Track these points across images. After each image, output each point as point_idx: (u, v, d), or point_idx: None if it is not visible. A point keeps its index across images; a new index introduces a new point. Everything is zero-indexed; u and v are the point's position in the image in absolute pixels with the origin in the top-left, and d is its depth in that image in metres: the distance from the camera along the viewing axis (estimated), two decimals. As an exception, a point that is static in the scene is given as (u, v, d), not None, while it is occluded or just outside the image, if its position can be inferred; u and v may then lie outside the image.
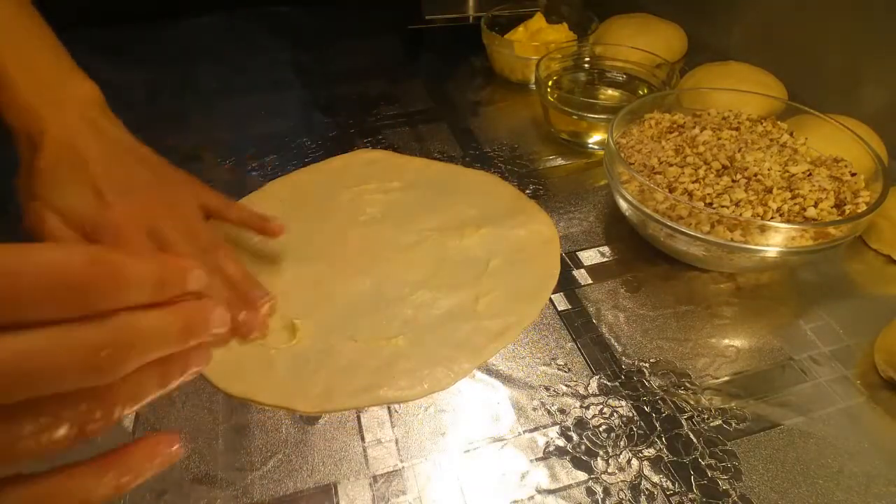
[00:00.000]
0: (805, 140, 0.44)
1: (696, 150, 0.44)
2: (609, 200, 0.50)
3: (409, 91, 0.67)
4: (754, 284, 0.43)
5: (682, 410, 0.35)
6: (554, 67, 0.61)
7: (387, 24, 0.80)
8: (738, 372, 0.37)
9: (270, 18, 0.82)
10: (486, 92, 0.67)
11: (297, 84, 0.68)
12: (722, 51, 0.68)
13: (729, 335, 0.39)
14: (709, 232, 0.38)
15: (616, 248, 0.46)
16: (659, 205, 0.40)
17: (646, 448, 0.33)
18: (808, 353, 0.38)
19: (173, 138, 0.58)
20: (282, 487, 0.32)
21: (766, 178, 0.40)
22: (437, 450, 0.33)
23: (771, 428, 0.34)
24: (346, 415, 0.35)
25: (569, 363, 0.37)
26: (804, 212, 0.39)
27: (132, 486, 0.20)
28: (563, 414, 0.35)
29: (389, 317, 0.40)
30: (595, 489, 0.31)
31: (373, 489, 0.32)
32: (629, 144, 0.46)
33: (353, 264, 0.44)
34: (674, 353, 0.38)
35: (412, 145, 0.57)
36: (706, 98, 0.52)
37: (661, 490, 0.31)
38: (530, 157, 0.56)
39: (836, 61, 0.58)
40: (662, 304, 0.41)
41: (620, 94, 0.61)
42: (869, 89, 0.55)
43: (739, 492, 0.31)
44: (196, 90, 0.66)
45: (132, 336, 0.18)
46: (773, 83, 0.57)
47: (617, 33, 0.66)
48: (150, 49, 0.75)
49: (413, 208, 0.49)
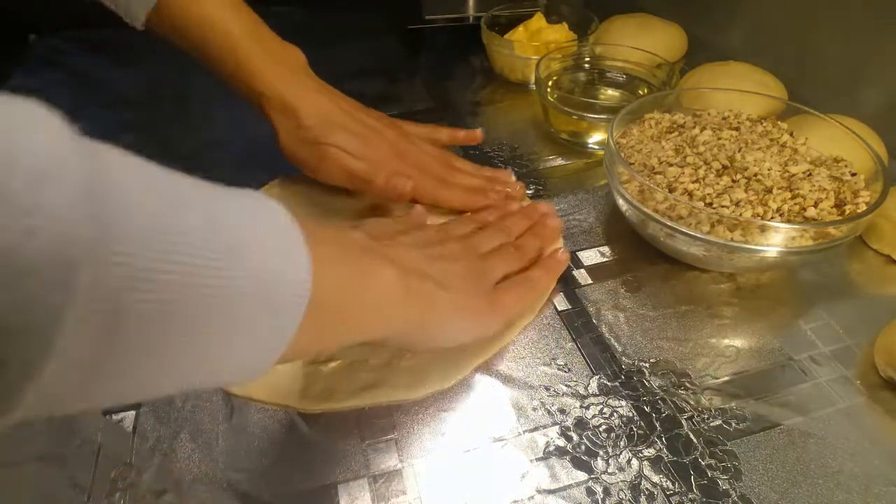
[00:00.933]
0: (805, 140, 0.44)
1: (696, 150, 0.44)
2: (609, 200, 0.50)
3: (409, 91, 0.67)
4: (754, 284, 0.43)
5: (682, 410, 0.35)
6: (554, 67, 0.61)
7: (387, 24, 0.80)
8: (738, 372, 0.37)
9: (270, 18, 0.82)
10: (486, 92, 0.67)
11: (297, 84, 0.68)
12: (722, 51, 0.68)
13: (729, 335, 0.39)
14: (709, 232, 0.38)
15: (616, 248, 0.46)
16: (659, 205, 0.40)
17: (646, 448, 0.33)
18: (808, 353, 0.38)
19: (173, 138, 0.58)
20: (282, 487, 0.32)
21: (766, 178, 0.40)
22: (437, 450, 0.33)
23: (771, 428, 0.34)
24: (346, 415, 0.35)
25: (569, 363, 0.37)
26: (804, 212, 0.39)
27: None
28: (563, 414, 0.35)
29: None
30: (595, 489, 0.31)
31: (373, 489, 0.32)
32: (629, 144, 0.46)
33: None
34: (674, 353, 0.38)
35: (412, 145, 0.57)
36: (706, 98, 0.52)
37: (661, 490, 0.31)
38: (530, 157, 0.56)
39: (836, 61, 0.58)
40: (662, 304, 0.41)
41: (620, 94, 0.61)
42: (869, 89, 0.55)
43: (739, 492, 0.31)
44: (196, 90, 0.66)
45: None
46: (773, 83, 0.57)
47: (617, 33, 0.66)
48: (150, 49, 0.75)
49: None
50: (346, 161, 0.43)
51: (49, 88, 0.42)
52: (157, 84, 0.67)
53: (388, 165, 0.44)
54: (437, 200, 0.45)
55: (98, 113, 0.60)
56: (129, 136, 0.57)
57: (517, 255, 0.40)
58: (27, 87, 0.66)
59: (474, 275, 0.35)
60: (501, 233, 0.41)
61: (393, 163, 0.45)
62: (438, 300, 0.32)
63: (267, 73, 0.44)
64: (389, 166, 0.44)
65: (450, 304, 0.33)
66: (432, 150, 0.49)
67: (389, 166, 0.44)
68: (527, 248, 0.41)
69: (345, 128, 0.44)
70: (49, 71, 0.69)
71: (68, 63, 0.70)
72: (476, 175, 0.49)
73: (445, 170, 0.47)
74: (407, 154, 0.46)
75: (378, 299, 0.28)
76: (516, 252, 0.40)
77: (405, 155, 0.46)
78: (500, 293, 0.36)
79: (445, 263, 0.34)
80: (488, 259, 0.38)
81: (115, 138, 0.17)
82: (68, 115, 0.16)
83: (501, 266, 0.38)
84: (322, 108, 0.44)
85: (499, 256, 0.38)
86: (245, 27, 0.44)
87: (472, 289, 0.34)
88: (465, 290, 0.34)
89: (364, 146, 0.44)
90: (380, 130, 0.45)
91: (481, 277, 0.36)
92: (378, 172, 0.43)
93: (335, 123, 0.44)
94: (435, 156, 0.48)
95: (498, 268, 0.38)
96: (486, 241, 0.39)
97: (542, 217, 0.44)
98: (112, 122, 0.59)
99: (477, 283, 0.35)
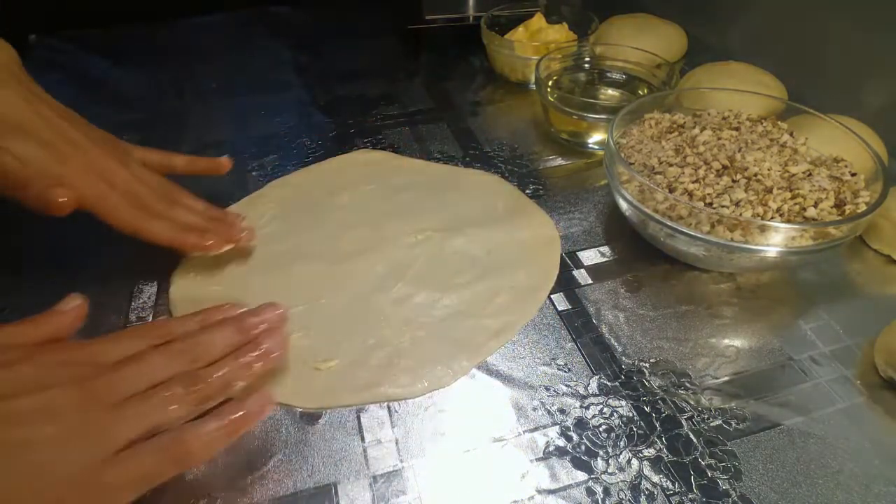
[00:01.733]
0: (805, 140, 0.44)
1: (696, 150, 0.44)
2: (609, 200, 0.50)
3: (409, 91, 0.67)
4: (754, 284, 0.43)
5: (682, 410, 0.35)
6: (554, 67, 0.61)
7: (387, 24, 0.79)
8: (738, 372, 0.37)
9: (270, 18, 0.82)
10: (486, 92, 0.67)
11: (297, 84, 0.68)
12: (722, 51, 0.68)
13: (729, 335, 0.39)
14: (709, 232, 0.38)
15: (616, 248, 0.46)
16: (659, 205, 0.40)
17: (646, 448, 0.33)
18: (808, 353, 0.38)
19: (173, 138, 0.58)
20: (282, 487, 0.32)
21: (766, 178, 0.40)
22: (437, 450, 0.33)
23: (771, 428, 0.34)
24: (346, 415, 0.35)
25: (569, 363, 0.37)
26: (804, 212, 0.39)
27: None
28: (563, 414, 0.35)
29: (389, 316, 0.40)
30: (595, 489, 0.31)
31: (373, 489, 0.32)
32: (629, 144, 0.46)
33: (353, 264, 0.44)
34: (674, 353, 0.38)
35: (412, 145, 0.57)
36: (706, 98, 0.52)
37: (661, 490, 0.31)
38: (530, 157, 0.56)
39: (836, 61, 0.58)
40: (662, 304, 0.41)
41: (620, 94, 0.61)
42: (869, 89, 0.55)
43: (739, 492, 0.31)
44: (196, 90, 0.66)
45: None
46: (773, 83, 0.57)
47: (617, 33, 0.66)
48: (150, 49, 0.75)
49: (413, 208, 0.49)
50: (7, 164, 0.36)
51: (49, 88, 0.42)
52: (157, 84, 0.67)
53: (72, 182, 0.38)
54: (138, 232, 0.39)
55: (98, 113, 0.60)
56: (130, 136, 0.57)
57: (187, 399, 0.29)
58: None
59: (71, 443, 0.26)
60: (180, 358, 0.31)
61: (85, 180, 0.38)
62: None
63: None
64: (73, 185, 0.37)
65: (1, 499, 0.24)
66: (151, 177, 0.43)
67: (73, 185, 0.37)
68: (210, 386, 0.30)
69: (30, 135, 0.38)
70: (49, 71, 0.69)
71: (68, 63, 0.70)
72: (198, 212, 0.43)
73: (160, 202, 0.42)
74: (112, 177, 0.40)
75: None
76: (186, 392, 0.29)
77: (109, 177, 0.39)
78: (108, 472, 0.26)
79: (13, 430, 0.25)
80: (125, 409, 0.27)
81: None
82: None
83: (145, 418, 0.28)
84: (6, 104, 0.37)
85: (147, 403, 0.28)
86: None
87: (51, 469, 0.25)
88: (39, 472, 0.25)
89: (47, 157, 0.37)
90: (81, 146, 0.39)
91: (85, 446, 0.26)
92: (34, 180, 0.36)
93: (18, 128, 0.37)
94: (151, 185, 0.42)
95: (137, 422, 0.27)
96: (140, 374, 0.29)
97: (265, 333, 0.34)
98: (112, 122, 0.58)
99: (70, 458, 0.25)
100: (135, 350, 0.30)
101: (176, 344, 0.31)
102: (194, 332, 0.33)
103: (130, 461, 0.26)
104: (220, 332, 0.33)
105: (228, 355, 0.32)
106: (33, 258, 0.45)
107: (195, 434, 0.28)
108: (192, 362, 0.31)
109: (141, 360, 0.30)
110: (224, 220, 0.44)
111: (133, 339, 0.31)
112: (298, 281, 0.43)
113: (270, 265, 0.44)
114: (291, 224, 0.48)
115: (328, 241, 0.46)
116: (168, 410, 0.28)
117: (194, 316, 0.34)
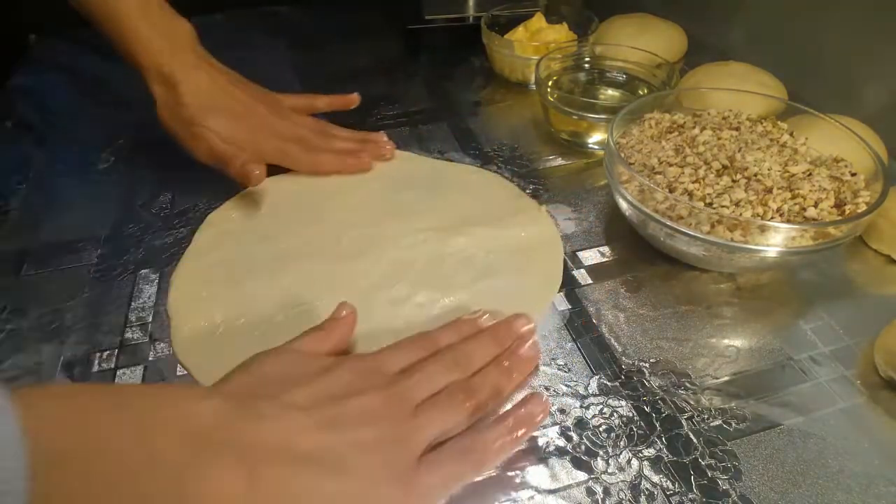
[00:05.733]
0: (805, 140, 0.44)
1: (696, 150, 0.44)
2: (609, 200, 0.50)
3: (409, 91, 0.67)
4: (754, 284, 0.43)
5: (682, 410, 0.35)
6: (554, 67, 0.61)
7: (387, 24, 0.80)
8: (738, 372, 0.37)
9: (270, 18, 0.82)
10: (486, 92, 0.67)
11: (297, 84, 0.68)
12: (722, 51, 0.68)
13: (729, 335, 0.39)
14: (709, 232, 0.38)
15: (616, 248, 0.46)
16: (659, 205, 0.40)
17: (646, 448, 0.33)
18: (808, 353, 0.38)
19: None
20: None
21: (766, 178, 0.40)
22: (437, 450, 0.33)
23: (771, 428, 0.34)
24: (346, 415, 0.35)
25: (569, 363, 0.37)
26: (804, 212, 0.39)
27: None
28: (563, 414, 0.35)
29: (390, 316, 0.40)
30: (595, 489, 0.31)
31: (373, 489, 0.31)
32: (629, 144, 0.46)
33: (353, 264, 0.44)
34: (674, 353, 0.38)
35: (412, 145, 0.57)
36: (706, 98, 0.52)
37: (661, 490, 0.31)
38: (530, 157, 0.56)
39: (836, 61, 0.58)
40: (662, 304, 0.41)
41: (620, 94, 0.61)
42: (869, 89, 0.55)
43: (739, 492, 0.31)
44: (196, 90, 0.66)
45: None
46: (773, 83, 0.57)
47: (617, 33, 0.66)
48: (150, 49, 0.75)
49: (413, 208, 0.49)
50: (215, 144, 0.45)
51: (49, 88, 0.42)
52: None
53: (256, 145, 0.47)
54: (314, 170, 0.49)
55: (98, 113, 0.60)
56: (130, 136, 0.57)
57: (466, 406, 0.30)
58: (27, 87, 0.66)
59: (392, 445, 0.27)
60: (455, 368, 0.31)
61: (263, 139, 0.48)
62: (316, 493, 0.25)
63: (149, 47, 0.45)
64: (256, 146, 0.47)
65: (338, 496, 0.25)
66: (305, 120, 0.51)
67: (256, 146, 0.47)
68: (483, 393, 0.31)
69: (220, 109, 0.46)
70: (49, 71, 0.69)
71: (68, 63, 0.70)
72: (350, 138, 0.52)
73: (319, 137, 0.51)
74: (279, 127, 0.49)
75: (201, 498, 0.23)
76: (465, 399, 0.30)
77: (277, 128, 0.49)
78: (423, 473, 0.27)
79: (347, 432, 0.27)
80: (420, 415, 0.29)
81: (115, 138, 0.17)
82: (68, 116, 0.16)
83: (437, 424, 0.29)
84: (201, 87, 0.46)
85: (437, 409, 0.29)
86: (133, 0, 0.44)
87: (380, 469, 0.26)
88: (370, 471, 0.26)
89: (235, 126, 0.46)
90: (252, 107, 0.48)
91: (402, 448, 0.27)
92: (236, 157, 0.45)
93: (211, 106, 0.46)
94: (309, 125, 0.51)
95: (431, 428, 0.29)
96: (426, 382, 0.30)
97: (518, 342, 0.35)
98: (112, 122, 0.58)
99: (393, 459, 0.27)
100: (411, 360, 0.32)
101: (446, 354, 0.32)
102: (456, 344, 0.34)
103: (438, 464, 0.28)
104: (479, 342, 0.34)
105: (489, 364, 0.33)
106: (33, 258, 0.45)
107: (490, 438, 0.30)
108: (463, 372, 0.32)
109: (423, 370, 0.31)
110: (371, 139, 0.52)
111: (408, 350, 0.33)
112: (298, 280, 0.43)
113: (270, 265, 0.44)
114: (291, 223, 0.48)
115: (328, 241, 0.46)
116: (454, 416, 0.30)
117: (450, 327, 0.35)
